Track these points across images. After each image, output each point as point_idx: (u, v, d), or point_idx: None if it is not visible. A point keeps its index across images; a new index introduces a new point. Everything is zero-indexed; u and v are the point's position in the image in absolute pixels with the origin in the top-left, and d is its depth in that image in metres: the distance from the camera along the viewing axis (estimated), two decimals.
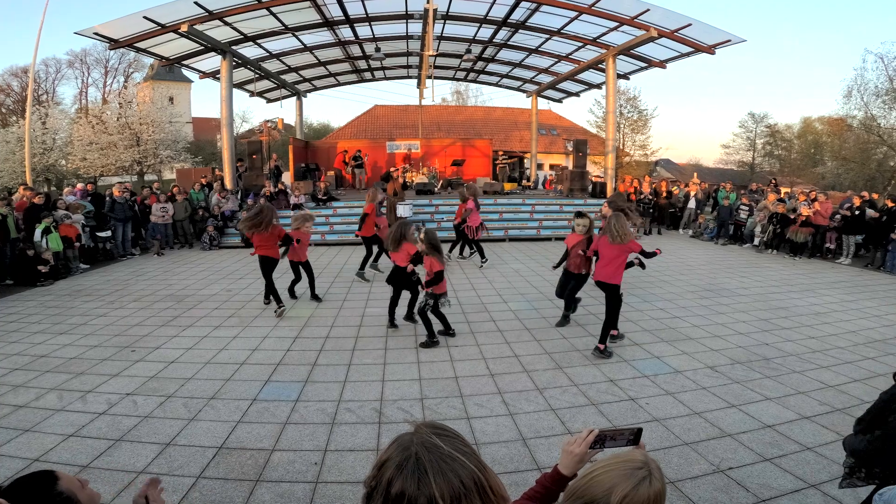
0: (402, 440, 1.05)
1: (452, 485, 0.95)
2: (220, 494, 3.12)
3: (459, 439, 1.06)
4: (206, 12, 12.69)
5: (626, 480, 1.12)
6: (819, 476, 3.31)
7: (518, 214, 15.55)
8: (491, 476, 1.03)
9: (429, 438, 1.03)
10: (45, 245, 9.53)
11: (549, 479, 1.46)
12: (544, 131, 34.07)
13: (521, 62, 19.88)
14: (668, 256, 11.89)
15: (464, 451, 1.02)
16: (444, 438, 1.04)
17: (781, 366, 5.24)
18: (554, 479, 1.45)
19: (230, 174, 15.67)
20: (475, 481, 0.98)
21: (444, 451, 1.00)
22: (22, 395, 4.56)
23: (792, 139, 37.52)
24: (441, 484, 0.95)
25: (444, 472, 0.96)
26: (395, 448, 1.04)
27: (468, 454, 1.02)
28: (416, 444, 1.02)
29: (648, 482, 1.13)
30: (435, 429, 1.06)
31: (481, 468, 1.01)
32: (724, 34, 13.47)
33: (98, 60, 40.85)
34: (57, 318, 7.07)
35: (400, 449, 1.02)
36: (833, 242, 12.19)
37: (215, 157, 32.04)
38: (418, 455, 0.99)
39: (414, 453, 0.99)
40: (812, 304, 7.72)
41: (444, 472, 0.96)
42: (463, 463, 0.99)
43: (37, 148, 25.92)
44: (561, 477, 1.43)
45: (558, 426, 3.98)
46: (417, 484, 0.95)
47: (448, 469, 0.97)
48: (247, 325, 6.66)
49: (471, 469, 0.99)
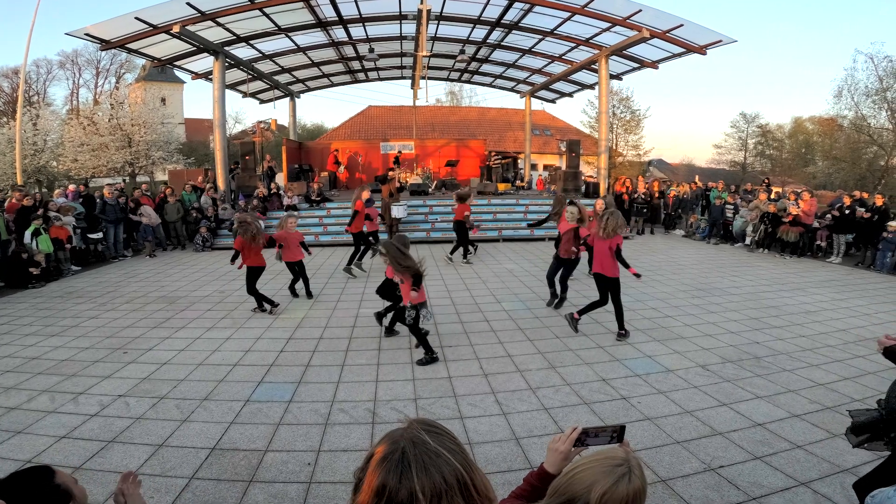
0: (392, 434, 1.06)
1: (434, 481, 0.96)
2: (213, 495, 3.11)
3: (448, 436, 1.07)
4: (199, 13, 12.63)
5: (606, 477, 1.14)
6: (809, 474, 3.33)
7: (512, 215, 15.58)
8: (477, 475, 1.04)
9: (418, 434, 1.04)
10: (35, 247, 9.47)
11: (536, 477, 1.48)
12: (538, 132, 34.15)
13: (514, 63, 19.92)
14: (659, 256, 11.97)
15: (451, 448, 1.03)
16: (433, 435, 1.05)
17: (772, 364, 5.28)
18: (540, 476, 1.46)
19: (223, 175, 15.60)
20: (458, 479, 0.99)
21: (431, 448, 1.01)
22: (14, 397, 4.53)
23: (783, 139, 37.73)
24: (423, 479, 0.96)
25: (426, 468, 0.97)
26: (384, 441, 1.05)
27: (455, 452, 1.03)
28: (405, 438, 1.03)
29: (628, 479, 1.14)
30: (426, 425, 1.08)
31: (467, 466, 1.02)
32: (716, 35, 13.56)
33: (89, 61, 40.53)
34: (48, 319, 7.02)
35: (389, 442, 1.04)
36: (824, 241, 12.30)
37: (208, 158, 31.84)
38: (404, 449, 1.00)
39: (401, 447, 1.01)
40: (803, 303, 7.79)
41: (426, 468, 0.97)
42: (448, 460, 1.00)
43: (27, 149, 25.66)
44: (547, 475, 1.44)
45: (551, 425, 4.00)
46: (399, 477, 0.96)
47: (431, 465, 0.98)
48: (240, 326, 6.64)
49: (455, 466, 1.00)
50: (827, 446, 3.67)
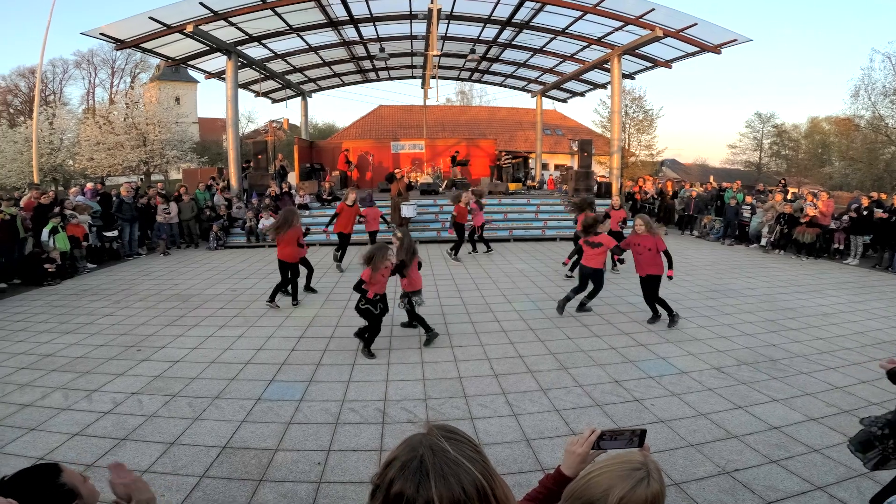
0: (411, 440, 1.03)
1: (453, 491, 0.93)
2: (223, 494, 3.12)
3: (469, 444, 1.03)
4: (212, 13, 12.75)
5: (624, 481, 1.11)
6: (826, 478, 3.27)
7: (523, 215, 15.52)
8: (498, 485, 1.00)
9: (437, 441, 1.00)
10: (52, 245, 9.60)
11: (552, 480, 1.44)
12: (549, 131, 33.99)
13: (525, 62, 19.85)
14: (673, 257, 11.81)
15: (471, 457, 1.00)
16: (454, 443, 1.01)
17: (788, 367, 5.20)
18: (556, 479, 1.43)
19: (236, 174, 15.73)
20: (478, 489, 0.95)
21: (450, 456, 0.97)
22: (28, 393, 4.58)
23: (799, 139, 37.27)
24: (441, 489, 0.93)
25: (445, 477, 0.94)
26: (404, 448, 1.02)
27: (475, 461, 0.99)
28: (424, 446, 0.99)
29: (646, 483, 1.11)
30: (446, 432, 1.04)
31: (488, 476, 0.99)
32: (731, 33, 13.40)
33: (105, 61, 41.14)
34: (63, 317, 7.11)
35: (407, 449, 1.00)
36: (841, 243, 12.10)
37: (221, 157, 32.17)
38: (423, 457, 0.97)
39: (419, 455, 0.97)
40: (819, 305, 7.66)
41: (445, 477, 0.94)
42: (468, 469, 0.96)
43: (44, 148, 26.07)
44: (563, 478, 1.41)
45: (562, 427, 3.96)
46: (417, 486, 0.93)
47: (451, 474, 0.95)
48: (251, 324, 6.68)
49: (475, 476, 0.96)
50: (844, 450, 3.59)
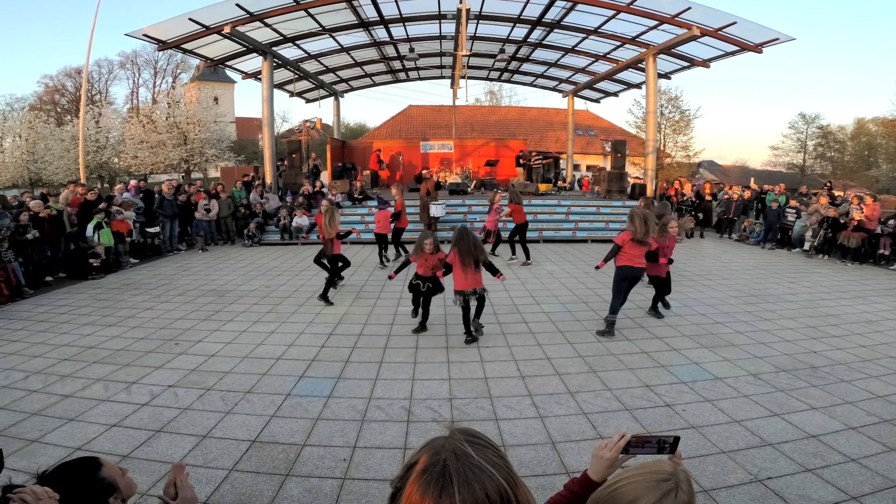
0: (433, 444, 1.02)
1: (476, 497, 0.91)
2: (250, 487, 3.19)
3: (492, 449, 1.02)
4: (247, 14, 13.07)
5: (651, 493, 1.05)
6: (861, 488, 3.15)
7: (553, 216, 15.35)
8: (521, 491, 0.98)
9: (460, 446, 0.99)
10: (97, 240, 10.00)
11: (578, 485, 1.41)
12: (581, 132, 33.54)
13: (556, 62, 19.62)
14: (710, 261, 11.53)
15: (495, 462, 0.98)
16: (477, 447, 1.00)
17: (829, 375, 4.99)
18: (583, 484, 1.39)
19: (271, 172, 16.08)
20: (501, 495, 0.94)
21: (474, 461, 0.96)
22: (69, 384, 4.78)
23: (845, 140, 35.77)
24: (465, 494, 0.91)
25: (469, 483, 0.92)
26: (426, 451, 1.01)
27: (499, 466, 0.98)
28: (447, 450, 0.98)
29: (675, 495, 1.05)
30: (469, 436, 1.03)
31: (511, 482, 0.97)
32: (772, 32, 12.95)
33: (147, 61, 42.70)
34: (106, 310, 7.39)
35: (430, 453, 0.99)
36: (887, 248, 11.55)
37: (257, 155, 32.89)
38: (446, 462, 0.95)
39: (442, 459, 0.96)
40: (863, 312, 7.33)
41: (469, 483, 0.92)
42: (491, 475, 0.95)
43: (90, 146, 27.20)
44: (590, 482, 1.37)
45: (590, 430, 3.90)
46: (440, 492, 0.92)
47: (474, 479, 0.93)
48: (283, 320, 6.81)
49: (498, 482, 0.95)
50: (882, 460, 3.46)
